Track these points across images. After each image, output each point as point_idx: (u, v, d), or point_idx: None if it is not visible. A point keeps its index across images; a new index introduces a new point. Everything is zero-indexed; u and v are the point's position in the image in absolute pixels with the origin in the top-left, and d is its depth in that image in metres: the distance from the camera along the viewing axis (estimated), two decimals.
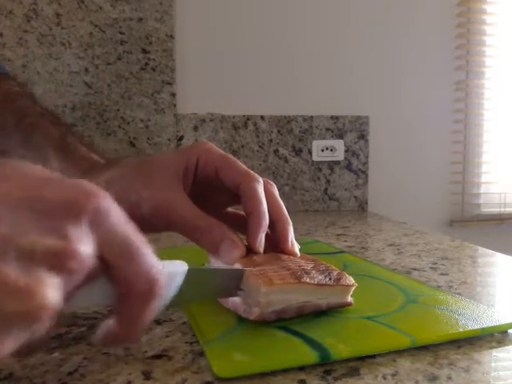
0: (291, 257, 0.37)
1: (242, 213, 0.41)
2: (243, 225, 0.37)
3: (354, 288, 0.35)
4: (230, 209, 0.44)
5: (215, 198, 0.42)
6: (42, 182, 0.21)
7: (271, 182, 0.40)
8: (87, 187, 0.22)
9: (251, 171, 0.38)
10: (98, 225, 0.22)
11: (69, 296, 0.21)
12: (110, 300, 0.24)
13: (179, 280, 0.28)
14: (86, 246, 0.21)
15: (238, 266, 0.35)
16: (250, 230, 0.36)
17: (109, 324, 0.25)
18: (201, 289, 0.32)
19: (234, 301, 0.34)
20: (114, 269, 0.23)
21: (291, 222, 0.39)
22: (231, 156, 0.39)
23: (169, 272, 0.27)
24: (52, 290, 0.19)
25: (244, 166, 0.38)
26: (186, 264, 0.29)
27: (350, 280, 0.35)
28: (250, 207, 0.37)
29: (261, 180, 0.38)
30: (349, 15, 1.16)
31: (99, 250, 0.22)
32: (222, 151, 0.40)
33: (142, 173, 0.38)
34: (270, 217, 0.37)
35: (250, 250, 0.36)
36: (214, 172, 0.38)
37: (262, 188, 0.37)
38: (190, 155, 0.39)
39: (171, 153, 0.41)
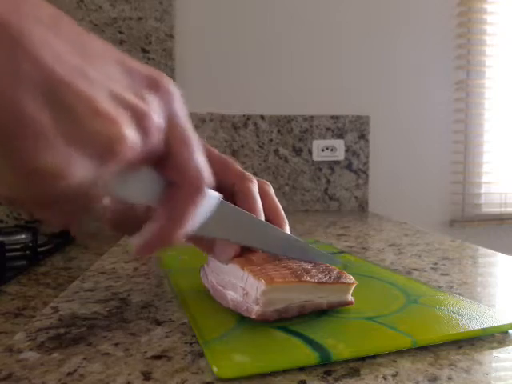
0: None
1: None
2: None
3: (354, 286, 0.35)
4: None
5: None
6: (131, 58, 0.23)
7: (267, 183, 0.40)
8: (163, 73, 0.25)
9: (246, 172, 0.38)
10: (168, 103, 0.24)
11: (133, 162, 0.22)
12: (157, 195, 0.25)
13: (213, 204, 0.29)
14: (159, 116, 0.23)
15: (235, 265, 0.35)
16: None
17: (150, 227, 0.26)
18: (235, 229, 0.33)
19: (235, 299, 0.34)
20: (171, 152, 0.24)
21: (287, 221, 0.39)
22: (227, 157, 0.40)
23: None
24: (132, 132, 0.21)
25: (239, 167, 0.39)
26: (219, 194, 0.30)
27: (350, 278, 0.35)
28: (245, 207, 0.37)
29: (255, 180, 0.38)
30: (349, 15, 1.16)
31: (165, 128, 0.24)
32: (217, 152, 0.40)
33: None
34: (266, 216, 0.37)
35: (247, 250, 0.36)
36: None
37: (257, 188, 0.38)
38: None
39: None
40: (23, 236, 0.69)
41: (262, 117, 1.10)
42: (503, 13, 1.25)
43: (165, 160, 0.24)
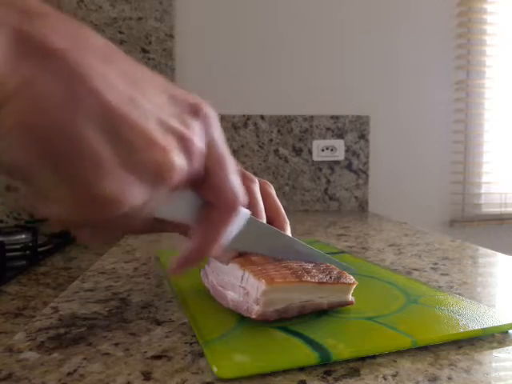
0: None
1: None
2: None
3: (354, 286, 0.35)
4: None
5: None
6: (171, 85, 0.25)
7: (268, 183, 0.40)
8: (201, 99, 0.26)
9: (247, 172, 0.38)
10: (208, 128, 0.25)
11: (178, 184, 0.23)
12: (194, 214, 0.27)
13: (243, 219, 0.31)
14: (201, 140, 0.24)
15: (235, 265, 0.35)
16: None
17: (187, 246, 0.28)
18: (262, 243, 0.35)
19: (235, 300, 0.34)
20: (209, 174, 0.26)
21: (288, 221, 0.39)
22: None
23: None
24: (181, 159, 0.23)
25: (240, 167, 0.39)
26: (248, 210, 0.32)
27: (351, 278, 0.35)
28: (246, 207, 0.37)
29: (256, 180, 0.38)
30: (349, 15, 1.16)
31: (204, 152, 0.25)
32: None
33: None
34: (267, 216, 0.37)
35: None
36: None
37: (258, 188, 0.38)
38: None
39: None
40: (23, 236, 0.69)
41: (262, 117, 1.10)
42: (503, 13, 1.25)
43: (203, 181, 0.26)
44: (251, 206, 0.37)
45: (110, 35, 1.02)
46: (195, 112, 0.25)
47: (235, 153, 1.09)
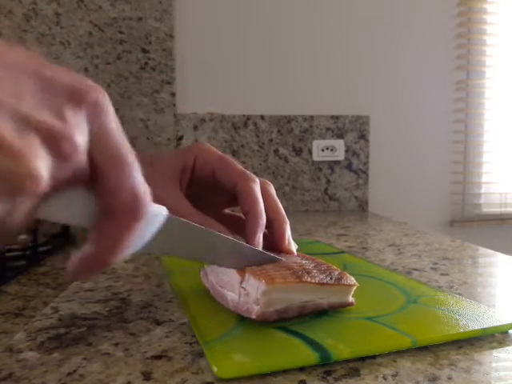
0: (291, 256, 0.37)
1: (239, 215, 0.42)
2: (240, 226, 0.38)
3: (355, 288, 0.35)
4: (226, 210, 0.44)
5: (212, 199, 0.42)
6: (54, 67, 0.21)
7: (268, 182, 0.40)
8: (92, 82, 0.22)
9: (247, 171, 0.38)
10: (95, 118, 0.21)
11: (54, 186, 0.20)
12: (90, 217, 0.23)
13: (159, 221, 0.27)
14: (80, 135, 0.20)
15: None
16: (248, 228, 0.36)
17: (84, 249, 0.23)
18: (183, 244, 0.31)
19: (235, 300, 0.34)
20: (100, 174, 0.22)
21: (288, 221, 0.39)
22: (228, 157, 0.40)
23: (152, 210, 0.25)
24: (41, 162, 0.19)
25: (240, 167, 0.39)
26: (165, 209, 0.28)
27: (351, 280, 0.35)
28: (247, 206, 0.37)
29: (257, 180, 0.38)
30: (349, 15, 1.16)
31: (91, 147, 0.21)
32: (219, 152, 0.40)
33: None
34: (267, 216, 0.37)
35: None
36: (211, 173, 0.39)
37: (259, 187, 0.38)
38: (188, 156, 0.39)
39: (168, 154, 0.41)
40: (23, 236, 0.69)
41: (262, 117, 1.10)
42: (503, 13, 1.25)
43: (95, 180, 0.22)
44: (251, 205, 0.37)
45: (110, 35, 1.02)
46: (77, 99, 0.20)
47: (235, 153, 1.09)
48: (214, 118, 1.08)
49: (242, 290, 0.33)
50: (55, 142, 0.19)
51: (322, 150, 1.12)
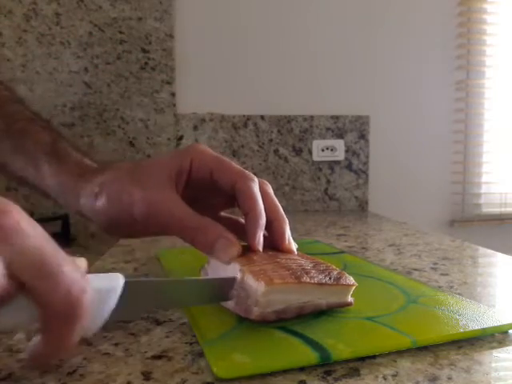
0: (291, 256, 0.37)
1: (236, 218, 0.42)
2: (236, 229, 0.38)
3: (354, 288, 0.35)
4: (222, 213, 0.44)
5: (209, 200, 0.42)
6: None
7: (266, 182, 0.40)
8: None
9: (246, 171, 0.38)
10: (8, 241, 0.21)
11: None
12: (34, 319, 0.23)
13: (115, 294, 0.27)
14: None
15: (235, 265, 0.35)
16: (248, 229, 0.36)
17: (36, 341, 0.24)
18: (157, 299, 0.31)
19: (234, 300, 0.34)
20: (29, 289, 0.22)
21: (287, 221, 0.39)
22: (225, 157, 0.39)
23: (99, 288, 0.26)
24: None
25: (239, 166, 0.38)
26: (122, 277, 0.28)
27: (350, 280, 0.35)
28: (247, 206, 0.37)
29: (256, 179, 0.38)
30: (349, 15, 1.16)
31: (10, 270, 0.21)
32: (215, 153, 0.40)
33: (135, 176, 0.38)
34: (266, 216, 0.37)
35: (248, 250, 0.36)
36: (209, 173, 0.38)
37: (258, 187, 0.38)
38: (184, 158, 0.39)
39: (165, 156, 0.40)
40: None
41: (262, 117, 1.10)
42: (503, 13, 1.25)
43: (27, 293, 0.22)
44: (251, 205, 0.37)
45: (110, 35, 1.02)
46: None
47: (235, 153, 1.09)
48: (214, 118, 1.08)
49: (241, 290, 0.33)
50: None
51: (322, 150, 1.12)
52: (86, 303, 0.23)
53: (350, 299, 0.35)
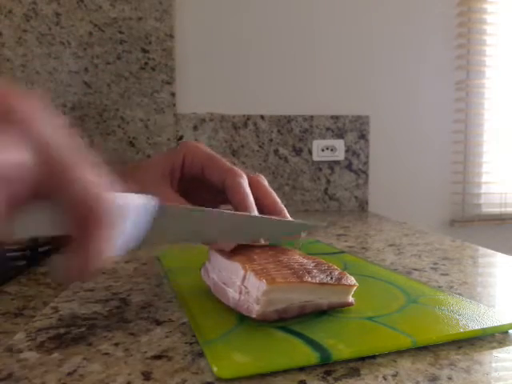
0: (293, 256, 0.37)
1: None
2: None
3: (355, 288, 0.35)
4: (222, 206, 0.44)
5: (202, 196, 0.43)
6: None
7: (261, 175, 0.41)
8: (16, 90, 0.20)
9: (235, 167, 0.39)
10: (30, 127, 0.20)
11: (13, 206, 0.19)
12: (61, 225, 0.22)
13: (147, 213, 0.26)
14: (12, 153, 0.19)
15: (237, 264, 0.35)
16: None
17: (67, 257, 0.23)
18: (183, 229, 0.30)
19: (236, 298, 0.34)
20: (50, 188, 0.21)
21: (285, 208, 0.40)
22: (216, 154, 0.40)
23: (132, 204, 0.25)
24: None
25: (228, 163, 0.39)
26: (155, 199, 0.27)
27: (352, 280, 0.35)
28: (236, 202, 0.37)
29: (244, 175, 0.39)
30: (348, 15, 1.16)
31: (35, 158, 0.20)
32: (208, 149, 0.41)
33: (129, 177, 0.39)
34: (264, 206, 0.38)
35: (248, 249, 0.37)
36: (200, 170, 0.40)
37: (247, 183, 0.38)
38: (176, 155, 0.40)
39: (160, 154, 0.42)
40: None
41: (262, 117, 1.10)
42: (503, 13, 1.25)
43: (49, 193, 0.21)
44: (240, 200, 0.37)
45: (109, 35, 1.02)
46: (4, 115, 0.19)
47: (235, 153, 1.09)
48: (214, 118, 1.08)
49: (243, 288, 0.33)
50: None
51: (322, 150, 1.12)
52: (110, 206, 0.22)
53: (350, 299, 0.35)
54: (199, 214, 0.31)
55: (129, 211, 0.24)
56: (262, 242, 0.38)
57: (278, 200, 0.40)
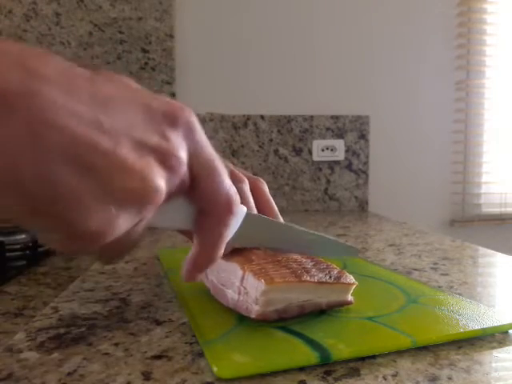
0: (291, 256, 0.37)
1: None
2: None
3: (354, 287, 0.35)
4: None
5: None
6: (145, 94, 0.24)
7: (261, 180, 0.41)
8: (181, 104, 0.25)
9: (235, 171, 0.39)
10: (190, 135, 0.24)
11: (166, 197, 0.23)
12: (188, 220, 0.27)
13: (240, 219, 0.31)
14: (182, 151, 0.24)
15: (235, 265, 0.35)
16: None
17: (189, 255, 0.28)
18: (261, 235, 0.36)
19: (235, 299, 0.34)
20: (198, 182, 0.25)
21: (282, 219, 0.40)
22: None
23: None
24: (160, 179, 0.22)
25: (229, 167, 0.39)
26: (244, 207, 0.32)
27: (351, 278, 0.35)
28: None
29: (245, 180, 0.39)
30: (348, 15, 1.16)
31: (190, 160, 0.24)
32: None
33: None
34: (260, 213, 0.38)
35: (246, 250, 0.37)
36: None
37: (248, 188, 0.38)
38: None
39: None
40: (23, 236, 0.69)
41: (262, 117, 1.10)
42: (503, 13, 1.25)
43: (193, 189, 0.26)
44: None
45: (110, 35, 1.02)
46: (173, 121, 0.23)
47: (235, 153, 1.09)
48: (214, 118, 1.08)
49: (241, 288, 0.33)
50: (166, 159, 0.22)
51: (322, 150, 1.12)
52: (238, 202, 0.28)
53: (350, 298, 0.35)
54: (276, 225, 0.37)
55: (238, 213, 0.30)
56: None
57: (276, 209, 0.40)
